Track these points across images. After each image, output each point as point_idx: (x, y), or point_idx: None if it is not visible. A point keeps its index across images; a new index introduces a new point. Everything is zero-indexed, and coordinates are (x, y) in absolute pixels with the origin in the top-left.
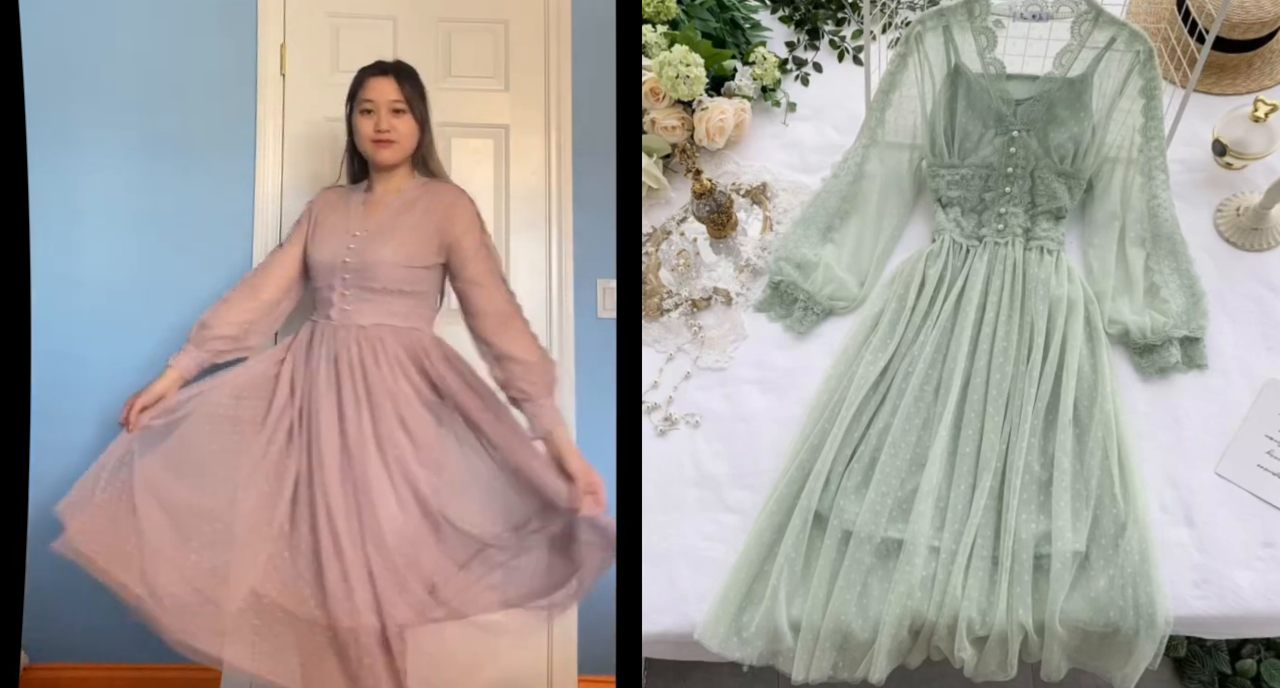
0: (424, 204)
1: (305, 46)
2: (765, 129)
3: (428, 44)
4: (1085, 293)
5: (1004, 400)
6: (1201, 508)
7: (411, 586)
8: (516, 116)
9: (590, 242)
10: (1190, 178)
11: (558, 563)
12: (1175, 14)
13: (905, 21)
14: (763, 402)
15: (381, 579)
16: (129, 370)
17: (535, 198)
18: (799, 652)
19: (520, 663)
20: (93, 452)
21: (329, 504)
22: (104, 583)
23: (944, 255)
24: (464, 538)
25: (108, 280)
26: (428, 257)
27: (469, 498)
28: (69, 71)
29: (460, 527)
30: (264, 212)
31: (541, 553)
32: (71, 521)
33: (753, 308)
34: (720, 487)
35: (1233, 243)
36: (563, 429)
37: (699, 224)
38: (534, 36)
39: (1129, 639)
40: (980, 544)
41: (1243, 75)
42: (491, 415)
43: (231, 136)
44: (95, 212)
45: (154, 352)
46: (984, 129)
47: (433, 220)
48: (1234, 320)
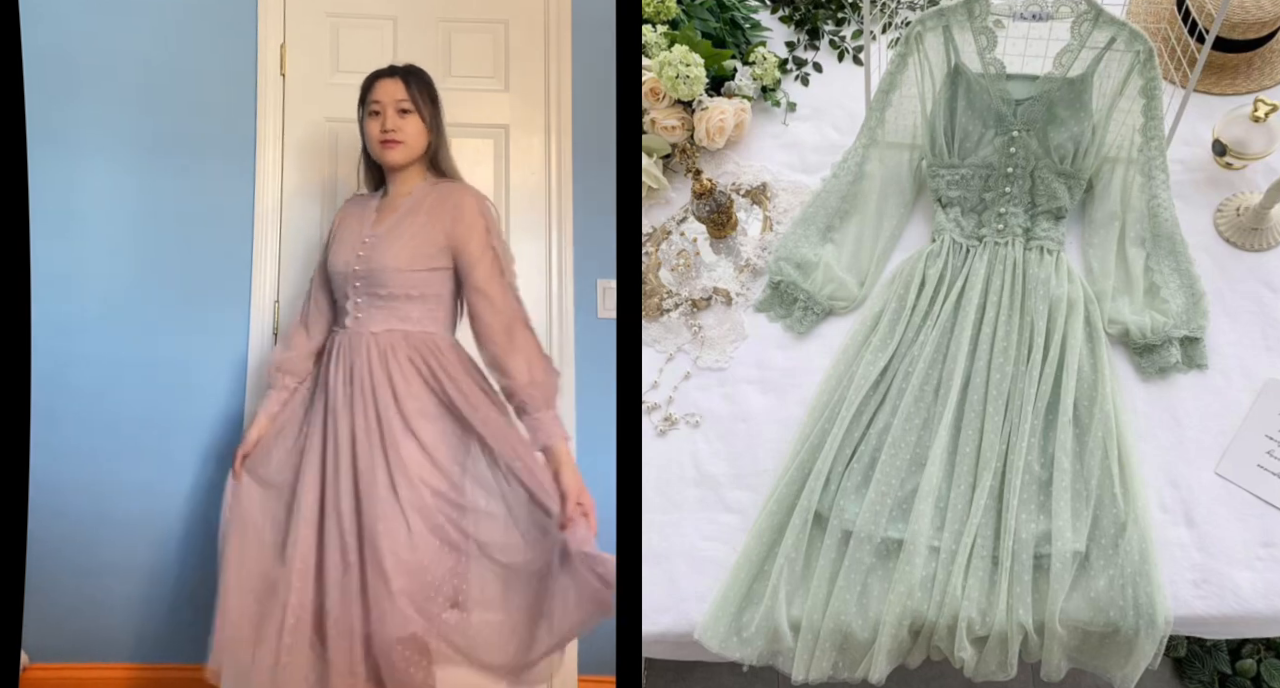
0: (430, 204)
1: (305, 46)
2: (765, 129)
3: (428, 44)
4: (1085, 293)
5: (1004, 400)
6: (1201, 508)
7: (412, 612)
8: (516, 116)
9: (590, 242)
10: (1190, 178)
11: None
12: (1175, 14)
13: (905, 21)
14: (763, 402)
15: (379, 605)
16: (129, 371)
17: (535, 198)
18: (799, 652)
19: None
20: (93, 451)
21: (340, 525)
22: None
23: (944, 255)
24: (487, 563)
25: (108, 281)
26: (434, 259)
27: (491, 520)
28: (69, 71)
29: (484, 551)
30: (264, 212)
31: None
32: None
33: (753, 308)
34: (720, 487)
35: (1233, 243)
36: (562, 444)
37: (699, 224)
38: (534, 36)
39: (1129, 639)
40: (980, 544)
41: (1243, 75)
42: (508, 427)
43: (231, 136)
44: (95, 212)
45: (154, 352)
46: (984, 129)
47: (439, 221)
48: (1234, 320)
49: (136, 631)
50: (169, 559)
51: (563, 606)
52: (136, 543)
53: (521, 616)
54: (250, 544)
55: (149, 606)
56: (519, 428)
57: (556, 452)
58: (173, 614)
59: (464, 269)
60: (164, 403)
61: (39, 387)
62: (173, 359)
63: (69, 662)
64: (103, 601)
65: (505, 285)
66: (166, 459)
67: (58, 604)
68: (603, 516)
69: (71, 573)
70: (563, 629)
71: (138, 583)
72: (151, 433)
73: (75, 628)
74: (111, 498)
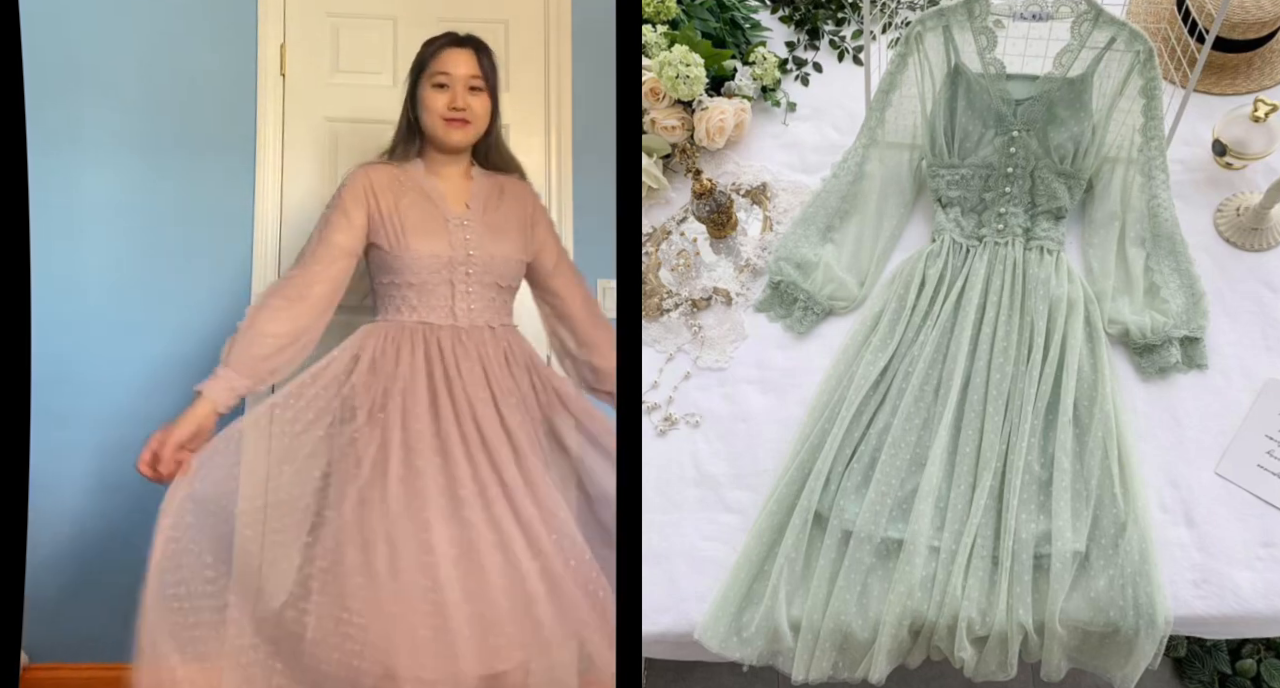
0: (511, 196)
1: (305, 46)
2: (765, 129)
3: None
4: (1085, 293)
5: (1004, 400)
6: (1201, 508)
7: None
8: (516, 116)
9: (590, 242)
10: (1190, 178)
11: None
12: (1175, 14)
13: (905, 21)
14: (762, 402)
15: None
16: (129, 371)
17: None
18: (799, 652)
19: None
20: (94, 451)
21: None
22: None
23: (944, 255)
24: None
25: (108, 281)
26: (524, 250)
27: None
28: (69, 71)
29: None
30: (264, 212)
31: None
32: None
33: (753, 308)
34: (720, 487)
35: (1233, 243)
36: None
37: (699, 224)
38: (534, 36)
39: (1129, 639)
40: (980, 544)
41: (1243, 75)
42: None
43: (231, 136)
44: (95, 212)
45: (154, 352)
46: (984, 129)
47: (521, 215)
48: (1234, 320)
49: (136, 631)
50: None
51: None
52: (137, 543)
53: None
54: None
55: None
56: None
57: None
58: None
59: (547, 265)
60: (164, 402)
61: (39, 386)
62: (173, 359)
63: (69, 662)
64: (103, 601)
65: (582, 280)
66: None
67: (58, 604)
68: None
69: (72, 573)
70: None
71: (138, 583)
72: (151, 432)
73: (75, 628)
74: (111, 497)
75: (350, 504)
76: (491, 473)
